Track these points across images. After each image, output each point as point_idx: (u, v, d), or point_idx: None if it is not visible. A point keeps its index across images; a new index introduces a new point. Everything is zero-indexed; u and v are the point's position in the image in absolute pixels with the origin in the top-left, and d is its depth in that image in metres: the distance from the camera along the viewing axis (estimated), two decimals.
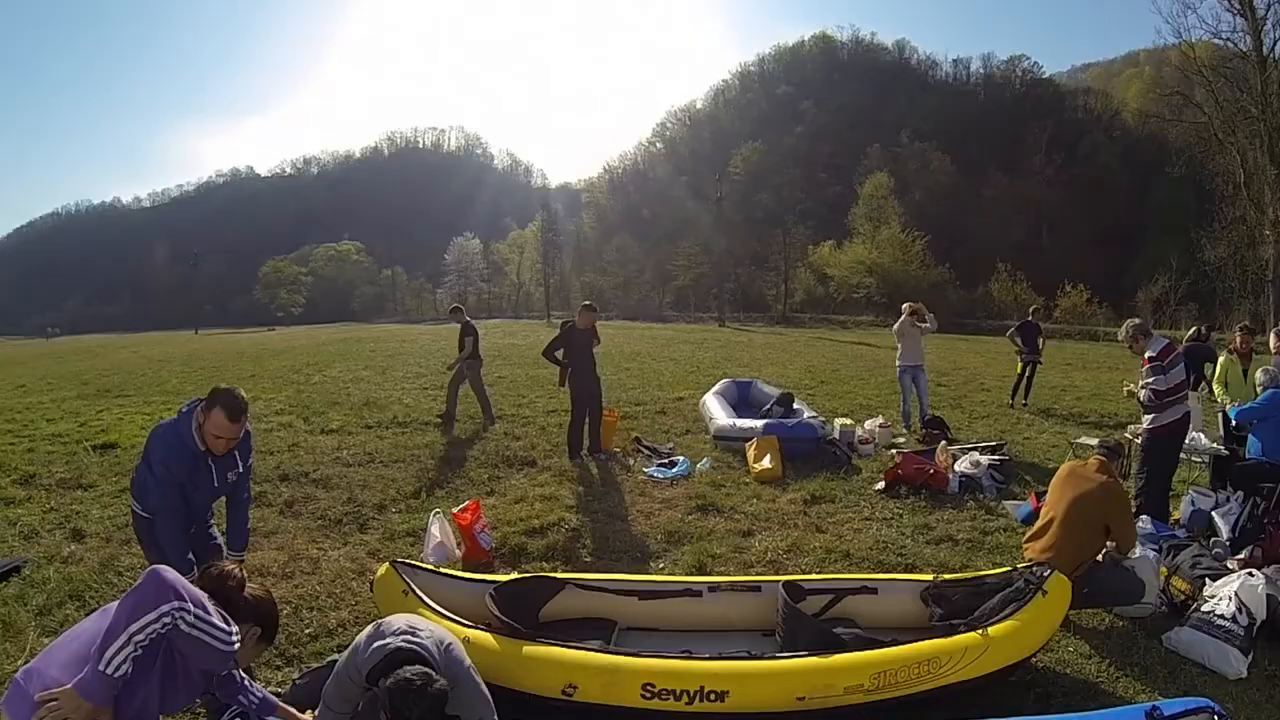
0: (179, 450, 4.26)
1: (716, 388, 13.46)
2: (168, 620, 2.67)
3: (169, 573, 2.78)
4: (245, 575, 3.26)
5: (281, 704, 3.65)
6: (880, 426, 11.10)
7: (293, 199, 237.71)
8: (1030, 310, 16.21)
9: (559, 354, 10.59)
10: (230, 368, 25.71)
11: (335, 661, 4.08)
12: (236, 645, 2.90)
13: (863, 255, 67.71)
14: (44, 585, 6.61)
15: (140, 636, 2.64)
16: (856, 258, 68.09)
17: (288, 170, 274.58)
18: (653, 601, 4.97)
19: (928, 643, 4.13)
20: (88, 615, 5.73)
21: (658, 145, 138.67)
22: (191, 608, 2.73)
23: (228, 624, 2.86)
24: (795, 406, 11.74)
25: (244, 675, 3.46)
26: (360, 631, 4.91)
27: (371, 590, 5.03)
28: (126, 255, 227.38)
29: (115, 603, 2.98)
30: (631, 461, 10.12)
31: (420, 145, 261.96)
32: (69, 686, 2.60)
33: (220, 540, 4.79)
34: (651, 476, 9.26)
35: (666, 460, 9.87)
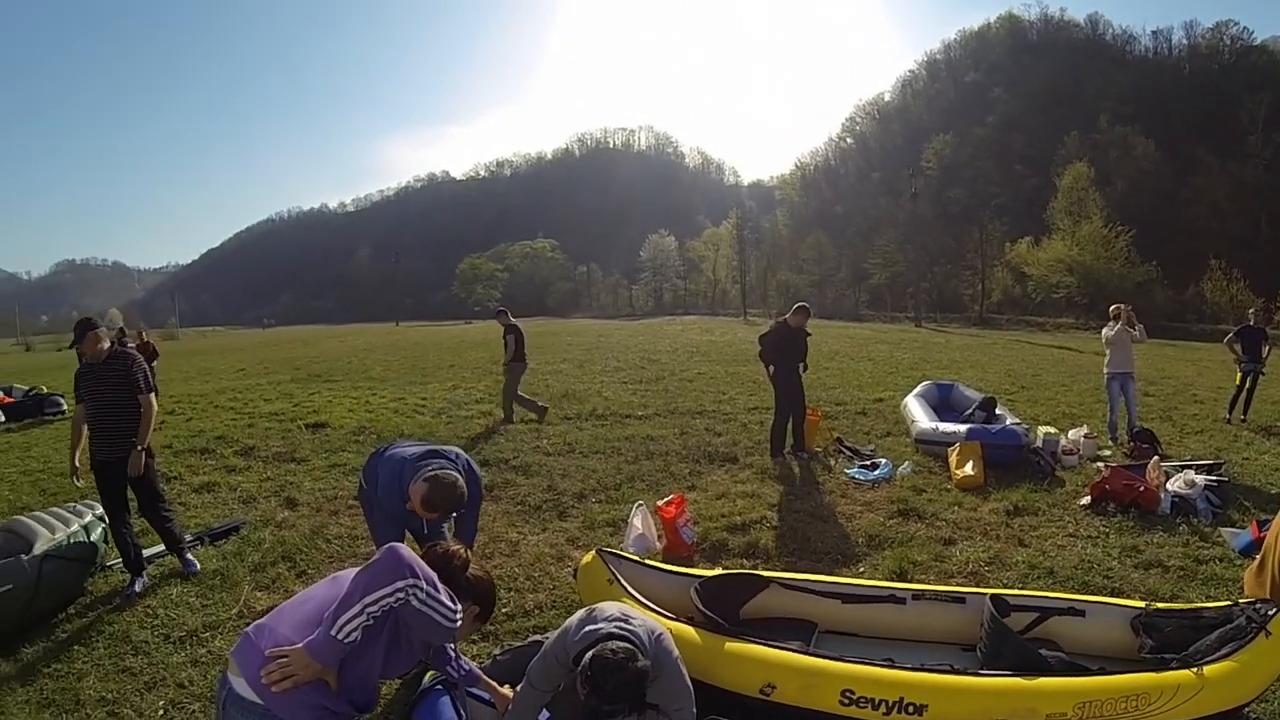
0: (394, 494, 4.54)
1: (917, 390, 13.11)
2: (401, 595, 2.82)
3: (406, 550, 2.92)
4: (470, 556, 3.39)
5: (484, 677, 3.80)
6: (1085, 437, 10.59)
7: (487, 200, 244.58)
8: (1249, 313, 15.19)
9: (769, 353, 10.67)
10: (431, 358, 26.86)
11: (538, 641, 4.23)
12: (459, 622, 3.02)
13: (1062, 252, 64.03)
14: (259, 545, 7.34)
15: (374, 608, 2.78)
16: (1055, 255, 64.44)
17: (482, 173, 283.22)
18: (855, 606, 4.92)
19: (1137, 675, 3.88)
20: (297, 576, 6.43)
21: (848, 140, 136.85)
22: (424, 585, 2.86)
23: (454, 602, 2.99)
24: (998, 412, 11.37)
25: (454, 648, 3.64)
26: (567, 615, 5.13)
27: (574, 577, 5.20)
28: (333, 255, 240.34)
29: (345, 571, 3.19)
30: (833, 462, 10.06)
31: (611, 146, 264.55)
32: (299, 646, 2.76)
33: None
34: (853, 478, 9.19)
35: (868, 462, 9.79)
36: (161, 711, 4.70)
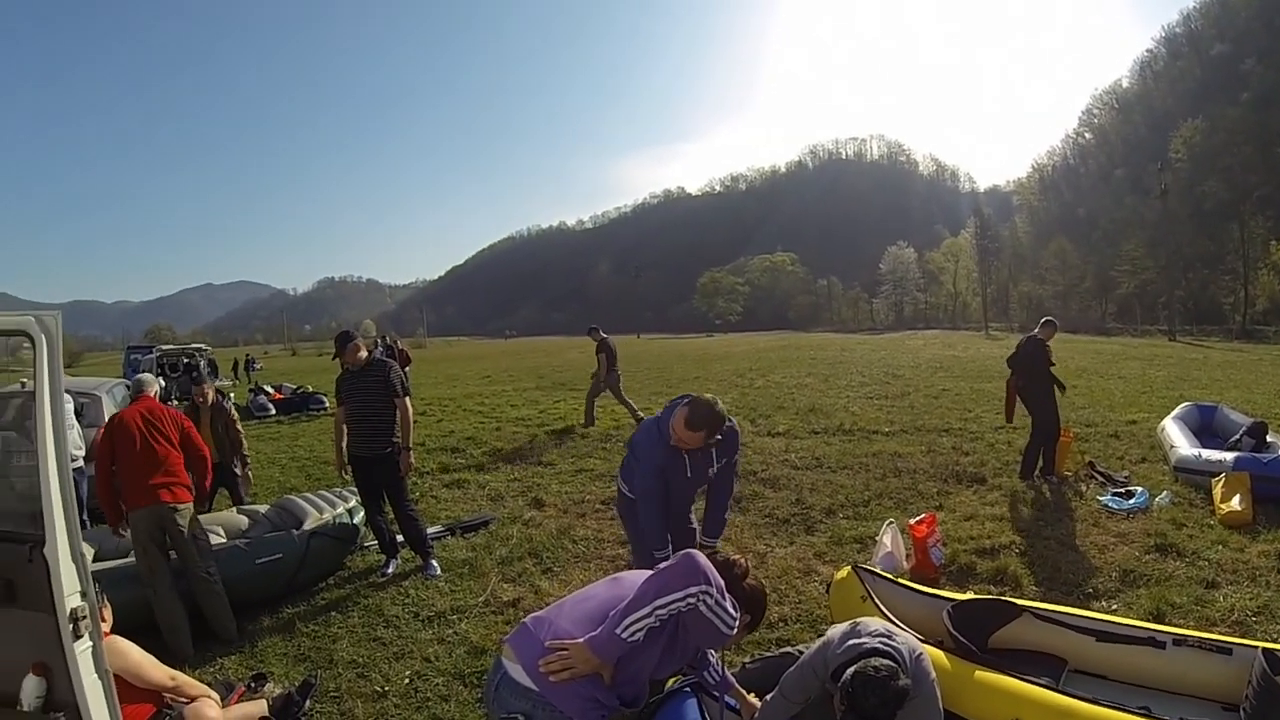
0: (655, 441, 4.61)
1: (1176, 412, 12.09)
2: (691, 600, 2.86)
3: (701, 557, 2.97)
4: (749, 565, 3.40)
5: (736, 684, 3.79)
6: None
7: (723, 214, 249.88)
8: None
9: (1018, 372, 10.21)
10: (675, 370, 27.48)
11: (789, 653, 4.24)
12: (735, 630, 3.05)
13: None
14: (507, 540, 7.81)
15: (663, 611, 2.84)
16: None
17: (717, 188, 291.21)
18: (1109, 645, 4.54)
19: None
20: (543, 572, 6.81)
21: (1086, 135, 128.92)
22: (714, 592, 2.90)
23: (735, 610, 3.01)
24: (1269, 440, 10.37)
25: (716, 653, 3.65)
26: (812, 629, 5.06)
27: (827, 592, 5.21)
28: (572, 270, 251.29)
29: (626, 573, 3.31)
30: (1084, 488, 9.42)
31: (843, 156, 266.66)
32: (581, 640, 2.85)
33: (696, 527, 5.11)
34: (1106, 506, 8.56)
35: (1122, 490, 9.08)
36: (408, 680, 5.05)
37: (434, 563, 7.09)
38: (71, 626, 2.72)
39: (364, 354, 7.04)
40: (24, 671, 2.84)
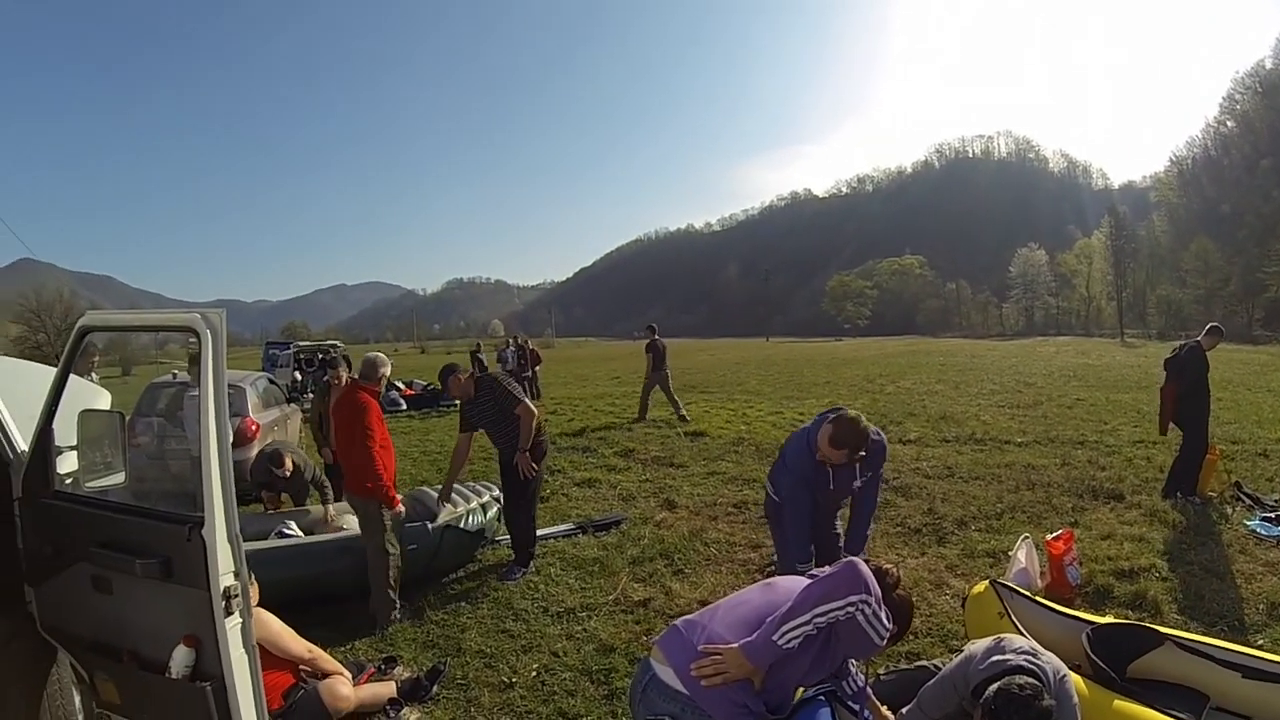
0: (802, 453, 4.72)
1: None
2: (850, 609, 2.86)
3: (863, 565, 2.97)
4: (900, 575, 3.38)
5: (871, 696, 3.74)
6: None
7: (850, 216, 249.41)
8: None
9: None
10: (805, 374, 27.53)
11: (923, 666, 4.21)
12: (886, 640, 3.03)
13: None
14: (638, 541, 7.87)
15: (821, 619, 2.85)
16: None
17: (843, 190, 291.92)
18: (1256, 683, 4.16)
19: None
20: (674, 573, 6.83)
21: (1228, 124, 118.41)
22: (873, 602, 2.89)
23: (889, 620, 3.00)
24: None
25: (856, 662, 3.58)
26: (943, 643, 4.95)
27: (962, 606, 5.11)
28: (700, 272, 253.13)
29: (780, 579, 3.33)
30: (1230, 510, 8.82)
31: (970, 155, 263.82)
32: (735, 645, 2.85)
33: (840, 533, 5.17)
34: (1254, 531, 8.01)
35: (1272, 514, 8.48)
36: (534, 673, 5.16)
37: (520, 569, 7.05)
38: (224, 603, 2.88)
39: (469, 385, 7.09)
40: (175, 642, 3.01)
